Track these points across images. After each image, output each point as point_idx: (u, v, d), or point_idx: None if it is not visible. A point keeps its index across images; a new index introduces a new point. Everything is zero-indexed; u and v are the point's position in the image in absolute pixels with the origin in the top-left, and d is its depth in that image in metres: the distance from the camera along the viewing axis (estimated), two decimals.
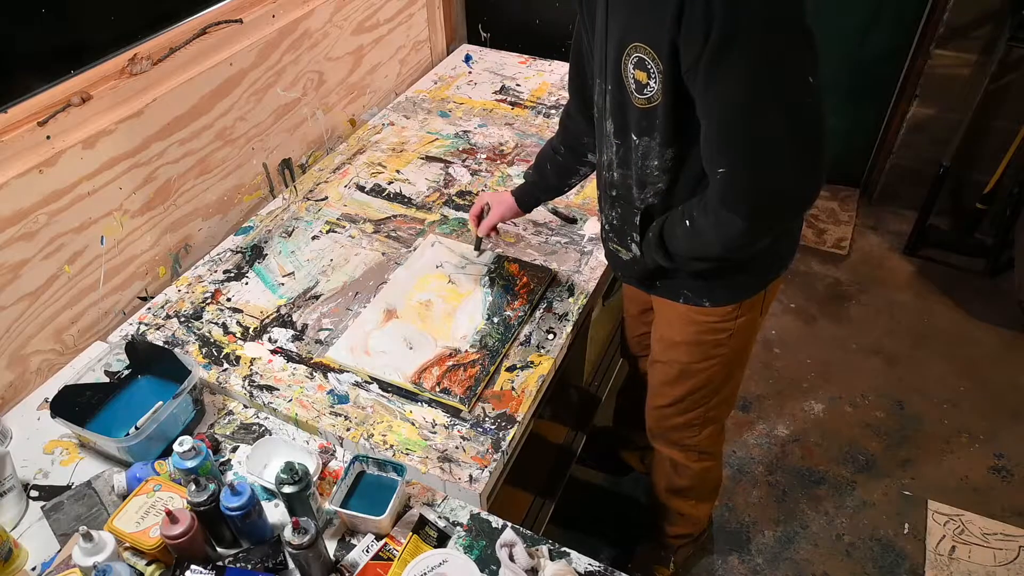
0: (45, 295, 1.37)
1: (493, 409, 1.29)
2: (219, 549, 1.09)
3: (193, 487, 1.02)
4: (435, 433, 1.25)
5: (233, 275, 1.60)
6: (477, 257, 1.57)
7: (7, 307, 1.31)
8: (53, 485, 1.21)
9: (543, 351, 1.39)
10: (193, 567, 0.99)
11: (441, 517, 1.14)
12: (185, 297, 1.55)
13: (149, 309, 1.53)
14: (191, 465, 1.07)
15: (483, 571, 1.05)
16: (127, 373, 1.34)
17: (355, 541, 1.11)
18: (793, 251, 1.32)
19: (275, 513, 1.14)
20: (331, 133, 2.04)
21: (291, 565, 1.05)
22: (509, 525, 1.12)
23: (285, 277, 1.58)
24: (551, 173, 1.46)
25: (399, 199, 1.80)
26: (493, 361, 1.35)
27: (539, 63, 2.39)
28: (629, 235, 1.23)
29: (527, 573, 1.02)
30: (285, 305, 1.51)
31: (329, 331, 1.44)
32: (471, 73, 2.36)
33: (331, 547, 1.09)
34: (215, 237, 1.73)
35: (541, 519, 1.77)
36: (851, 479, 2.10)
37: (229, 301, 1.53)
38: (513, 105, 2.17)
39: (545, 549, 1.07)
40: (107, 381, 1.32)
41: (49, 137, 1.32)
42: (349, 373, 1.36)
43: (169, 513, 0.98)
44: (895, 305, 2.66)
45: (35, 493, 1.20)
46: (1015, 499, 2.03)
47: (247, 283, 1.58)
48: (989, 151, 2.64)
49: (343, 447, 1.26)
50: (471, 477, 1.18)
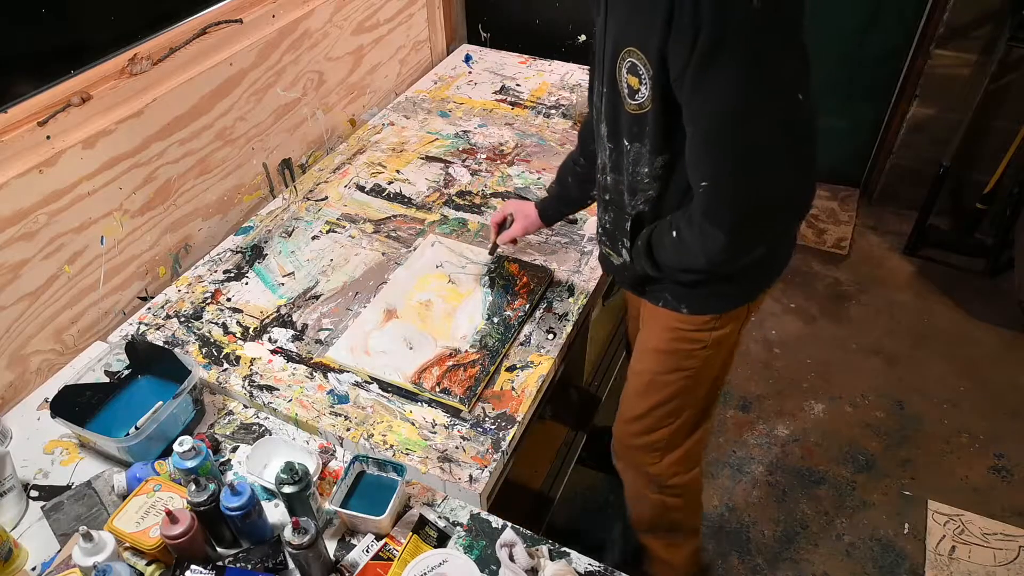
0: (45, 295, 1.37)
1: (493, 409, 1.29)
2: (219, 549, 1.09)
3: (193, 487, 1.02)
4: (435, 433, 1.25)
5: (233, 275, 1.60)
6: (490, 259, 1.57)
7: (7, 307, 1.31)
8: (53, 485, 1.21)
9: (543, 351, 1.39)
10: (193, 567, 0.99)
11: (441, 517, 1.14)
12: (185, 297, 1.55)
13: (149, 309, 1.53)
14: (191, 465, 1.07)
15: (483, 571, 1.05)
16: (127, 373, 1.34)
17: (355, 541, 1.11)
18: (780, 267, 1.29)
19: (275, 513, 1.14)
20: (331, 133, 2.04)
21: (291, 565, 1.05)
22: (509, 525, 1.12)
23: (285, 277, 1.58)
24: (572, 185, 1.44)
25: (399, 199, 1.80)
26: (493, 361, 1.35)
27: (539, 63, 2.39)
28: (620, 240, 1.22)
29: (527, 573, 1.02)
30: (285, 305, 1.51)
31: (329, 331, 1.44)
32: (471, 73, 2.36)
33: (331, 547, 1.09)
34: (215, 237, 1.73)
35: (541, 519, 1.77)
36: (851, 479, 2.10)
37: (229, 301, 1.53)
38: (513, 105, 2.17)
39: (545, 549, 1.07)
40: (107, 381, 1.32)
41: (49, 137, 1.32)
42: (349, 373, 1.36)
43: (169, 513, 0.98)
44: (895, 305, 2.66)
45: (35, 493, 1.20)
46: (1015, 499, 2.03)
47: (247, 283, 1.58)
48: (989, 151, 2.65)
49: (343, 447, 1.26)
50: (471, 477, 1.18)
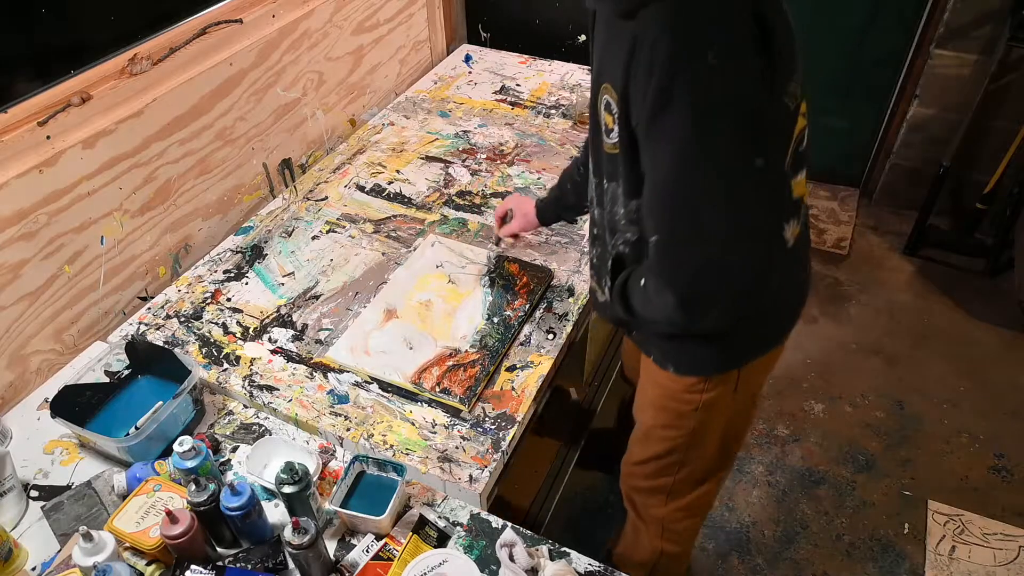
0: (45, 295, 1.37)
1: (493, 409, 1.29)
2: (219, 549, 1.09)
3: (193, 487, 1.02)
4: (435, 433, 1.25)
5: (233, 275, 1.60)
6: (491, 258, 1.57)
7: (7, 307, 1.31)
8: (53, 485, 1.21)
9: (543, 351, 1.39)
10: (193, 567, 0.99)
11: (441, 517, 1.14)
12: (185, 297, 1.55)
13: (149, 309, 1.53)
14: (191, 465, 1.07)
15: (483, 571, 1.05)
16: (127, 373, 1.34)
17: (355, 541, 1.11)
18: (779, 334, 1.21)
19: (275, 513, 1.14)
20: (331, 133, 2.04)
21: (291, 565, 1.05)
22: (509, 525, 1.12)
23: (285, 277, 1.58)
24: (571, 191, 1.44)
25: (399, 199, 1.80)
26: (493, 361, 1.35)
27: (539, 63, 2.39)
28: (603, 277, 1.15)
29: (527, 573, 1.02)
30: (285, 305, 1.51)
31: (329, 331, 1.44)
32: (471, 73, 2.36)
33: (331, 547, 1.09)
34: (215, 237, 1.73)
35: (541, 519, 1.77)
36: (851, 479, 2.10)
37: (229, 301, 1.53)
38: (513, 105, 2.17)
39: (545, 549, 1.07)
40: (107, 381, 1.32)
41: (49, 137, 1.32)
42: (349, 373, 1.36)
43: (169, 513, 0.98)
44: (895, 305, 2.66)
45: (35, 493, 1.20)
46: (1015, 499, 2.03)
47: (247, 283, 1.58)
48: (989, 151, 2.64)
49: (343, 447, 1.26)
50: (471, 477, 1.18)
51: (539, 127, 2.07)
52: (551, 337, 1.42)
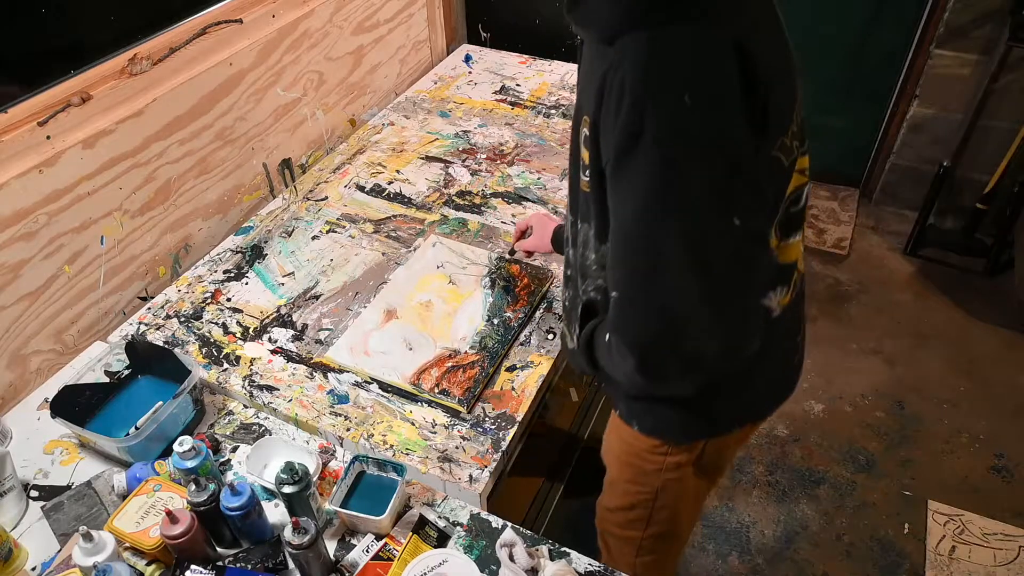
0: (45, 295, 1.37)
1: (493, 409, 1.29)
2: (219, 549, 1.09)
3: (193, 487, 1.02)
4: (435, 433, 1.25)
5: (233, 275, 1.60)
6: (492, 260, 1.56)
7: (7, 307, 1.31)
8: (53, 485, 1.21)
9: (543, 351, 1.39)
10: (193, 567, 0.99)
11: (441, 517, 1.14)
12: (185, 297, 1.55)
13: (149, 309, 1.53)
14: (191, 465, 1.07)
15: (483, 571, 1.05)
16: (127, 373, 1.34)
17: (355, 541, 1.11)
18: (757, 411, 1.13)
19: (275, 513, 1.14)
20: (331, 133, 2.04)
21: (291, 565, 1.05)
22: (509, 525, 1.12)
23: (285, 277, 1.58)
24: None
25: (399, 199, 1.80)
26: (492, 363, 1.35)
27: (539, 63, 2.39)
28: (573, 323, 1.05)
29: (527, 573, 1.02)
30: (285, 305, 1.51)
31: (329, 331, 1.44)
32: (471, 73, 2.36)
33: (331, 547, 1.09)
34: (215, 237, 1.73)
35: (541, 519, 1.77)
36: (851, 479, 2.10)
37: (229, 301, 1.53)
38: (513, 105, 2.17)
39: (545, 549, 1.07)
40: (107, 381, 1.32)
41: (49, 137, 1.32)
42: (349, 373, 1.36)
43: (169, 513, 0.98)
44: (895, 305, 2.66)
45: (35, 493, 1.20)
46: (1015, 499, 2.03)
47: (247, 283, 1.58)
48: (989, 151, 2.64)
49: (343, 447, 1.26)
50: (471, 477, 1.18)
51: (539, 127, 2.07)
52: (551, 337, 1.42)
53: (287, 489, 1.03)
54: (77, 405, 1.25)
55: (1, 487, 1.13)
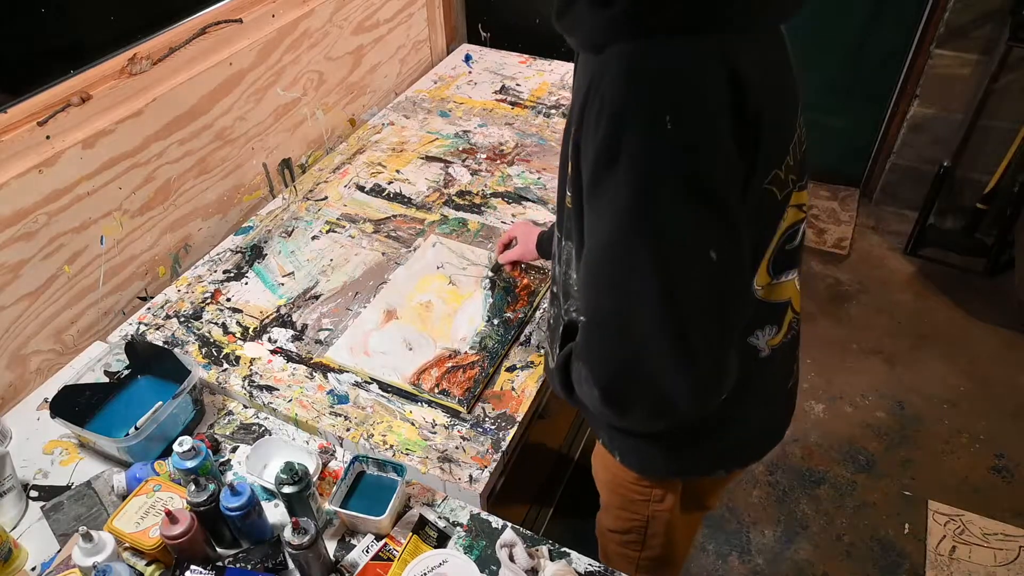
0: (45, 295, 1.37)
1: (493, 409, 1.28)
2: (219, 549, 1.09)
3: (193, 487, 1.02)
4: (435, 433, 1.25)
5: (233, 275, 1.60)
6: (491, 262, 1.56)
7: (7, 307, 1.31)
8: (53, 485, 1.21)
9: (543, 351, 1.39)
10: (193, 567, 0.99)
11: (441, 517, 1.14)
12: (185, 297, 1.55)
13: (149, 309, 1.53)
14: (191, 465, 1.07)
15: (483, 571, 1.05)
16: (127, 373, 1.34)
17: (355, 541, 1.11)
18: (742, 456, 1.07)
19: (275, 513, 1.14)
20: (331, 133, 2.04)
21: (291, 565, 1.05)
22: (509, 525, 1.12)
23: (285, 277, 1.58)
24: None
25: (399, 199, 1.80)
26: (492, 363, 1.35)
27: (539, 63, 2.39)
28: (555, 343, 1.00)
29: (527, 573, 1.02)
30: (285, 305, 1.51)
31: (329, 331, 1.44)
32: (471, 73, 2.36)
33: (331, 547, 1.09)
34: (215, 237, 1.73)
35: (541, 519, 1.77)
36: (851, 479, 2.10)
37: (229, 301, 1.53)
38: (513, 105, 2.17)
39: (545, 549, 1.07)
40: (107, 381, 1.31)
41: (49, 137, 1.32)
42: (349, 373, 1.36)
43: (169, 513, 0.98)
44: (895, 305, 2.66)
45: (35, 493, 1.20)
46: (1016, 499, 2.03)
47: (247, 283, 1.58)
48: (989, 151, 2.64)
49: (343, 447, 1.26)
50: (471, 477, 1.18)
51: (539, 127, 2.07)
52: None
53: (287, 489, 1.03)
54: (77, 405, 1.25)
55: (1, 487, 1.13)
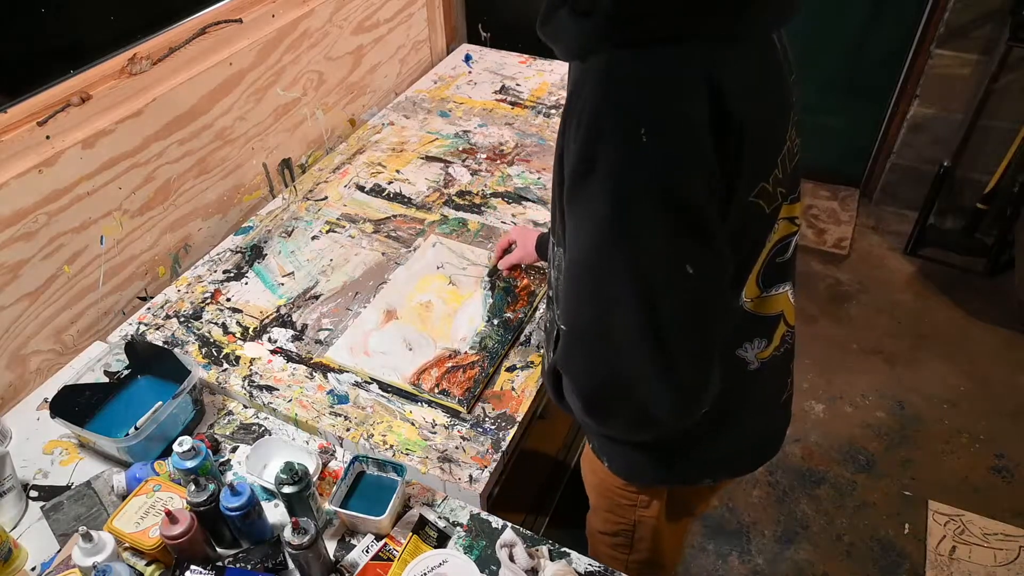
0: (45, 295, 1.37)
1: (493, 409, 1.28)
2: (219, 549, 1.09)
3: (193, 487, 1.02)
4: (435, 433, 1.25)
5: (233, 275, 1.60)
6: (491, 278, 1.56)
7: (7, 307, 1.31)
8: (53, 485, 1.21)
9: (543, 351, 1.39)
10: (193, 567, 0.99)
11: (441, 517, 1.14)
12: (185, 297, 1.55)
13: (149, 309, 1.53)
14: (191, 465, 1.07)
15: (483, 571, 1.05)
16: (127, 373, 1.34)
17: (355, 541, 1.11)
18: (731, 466, 1.07)
19: (275, 513, 1.14)
20: (331, 133, 2.04)
21: (291, 565, 1.05)
22: (509, 525, 1.12)
23: (285, 277, 1.58)
24: None
25: (399, 199, 1.80)
26: (492, 363, 1.35)
27: (539, 63, 2.39)
28: (550, 347, 0.99)
29: (527, 573, 1.02)
30: (285, 305, 1.51)
31: (329, 331, 1.44)
32: (471, 73, 2.36)
33: (331, 547, 1.09)
34: (215, 237, 1.73)
35: (541, 519, 1.77)
36: (851, 479, 2.10)
37: (229, 301, 1.53)
38: (513, 105, 2.17)
39: (545, 549, 1.07)
40: (107, 381, 1.31)
41: (49, 137, 1.32)
42: (349, 373, 1.36)
43: (169, 513, 0.98)
44: (895, 305, 2.66)
45: (35, 493, 1.19)
46: (1016, 499, 2.03)
47: (247, 283, 1.58)
48: (989, 151, 2.64)
49: (343, 447, 1.26)
50: (471, 477, 1.18)
51: (539, 127, 2.06)
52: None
53: (287, 489, 1.02)
54: (77, 405, 1.25)
55: (1, 487, 1.13)
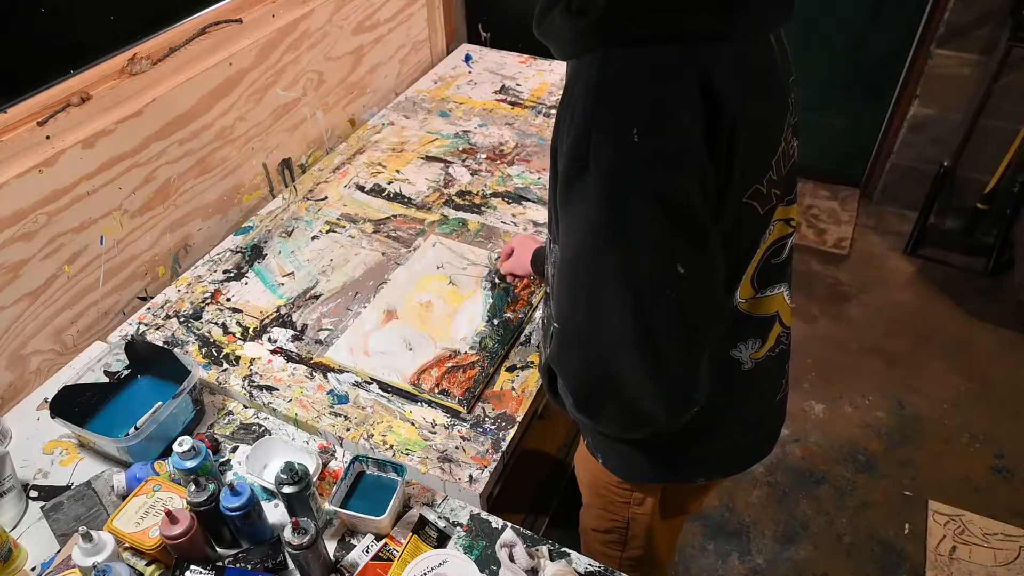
0: (45, 295, 1.37)
1: (493, 409, 1.28)
2: (219, 549, 1.09)
3: (193, 487, 1.02)
4: (435, 433, 1.25)
5: (233, 275, 1.60)
6: (491, 262, 1.56)
7: (7, 307, 1.31)
8: (53, 485, 1.21)
9: (540, 347, 1.39)
10: (193, 567, 0.99)
11: (441, 517, 1.14)
12: (185, 297, 1.55)
13: (149, 309, 1.53)
14: (191, 465, 1.07)
15: (483, 571, 1.05)
16: (127, 373, 1.34)
17: (355, 541, 1.11)
18: (722, 466, 1.08)
19: (275, 513, 1.14)
20: (331, 133, 2.04)
21: (291, 565, 1.05)
22: (509, 525, 1.12)
23: (285, 277, 1.58)
24: None
25: (399, 199, 1.80)
26: (492, 363, 1.35)
27: (539, 63, 2.39)
28: (547, 344, 0.99)
29: (527, 573, 1.02)
30: (285, 305, 1.51)
31: (329, 331, 1.44)
32: (471, 73, 2.36)
33: (331, 547, 1.09)
34: (215, 237, 1.73)
35: (541, 519, 1.77)
36: (851, 479, 2.10)
37: (229, 301, 1.53)
38: (513, 105, 2.17)
39: (545, 549, 1.07)
40: (107, 381, 1.31)
41: (49, 137, 1.32)
42: (349, 373, 1.36)
43: (169, 513, 0.98)
44: (895, 305, 2.66)
45: (35, 493, 1.19)
46: (1016, 499, 2.03)
47: (247, 283, 1.58)
48: (989, 151, 2.65)
49: (343, 447, 1.26)
50: (471, 477, 1.18)
51: (539, 127, 2.06)
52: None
53: (287, 489, 1.02)
54: (77, 405, 1.25)
55: (1, 487, 1.13)
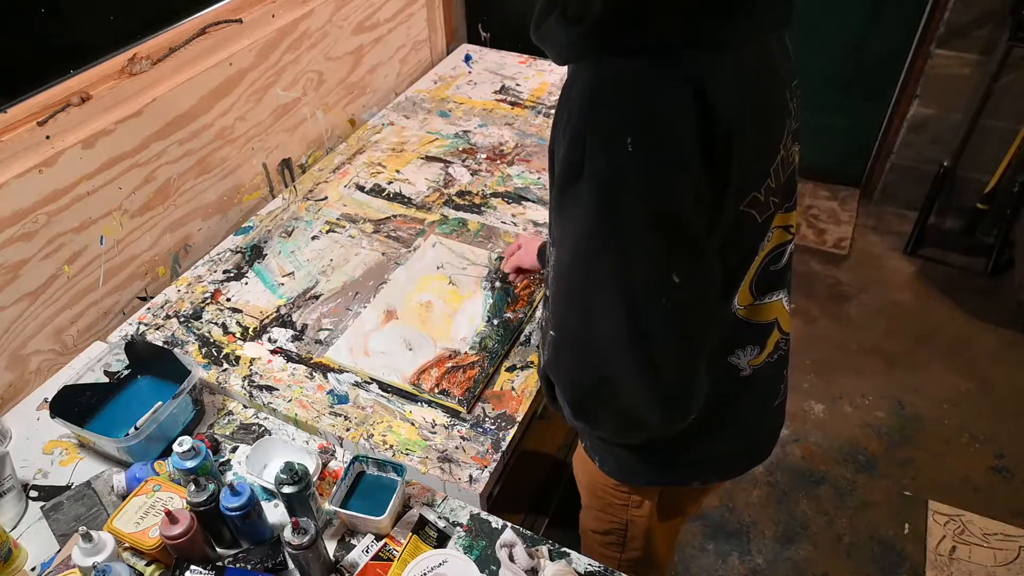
0: (45, 295, 1.37)
1: (493, 409, 1.28)
2: (219, 549, 1.09)
3: (193, 487, 1.02)
4: (435, 433, 1.25)
5: (233, 275, 1.60)
6: (491, 262, 1.56)
7: (7, 307, 1.31)
8: (53, 485, 1.21)
9: (539, 351, 1.39)
10: (193, 567, 0.99)
11: (441, 517, 1.14)
12: (185, 297, 1.55)
13: (149, 309, 1.53)
14: (191, 465, 1.07)
15: (483, 571, 1.05)
16: (127, 373, 1.34)
17: (355, 541, 1.11)
18: (720, 469, 1.08)
19: (275, 513, 1.14)
20: (331, 133, 2.04)
21: (291, 565, 1.05)
22: (509, 525, 1.12)
23: (285, 277, 1.58)
24: None
25: (399, 199, 1.80)
26: (492, 363, 1.35)
27: (539, 63, 2.39)
28: (545, 346, 0.96)
29: (527, 573, 1.02)
30: (285, 305, 1.51)
31: (329, 331, 1.44)
32: (471, 73, 2.36)
33: (331, 547, 1.09)
34: (215, 237, 1.73)
35: (541, 519, 1.77)
36: (851, 479, 2.10)
37: (229, 301, 1.53)
38: (513, 105, 2.17)
39: (545, 549, 1.07)
40: (107, 381, 1.31)
41: (49, 137, 1.32)
42: (349, 373, 1.36)
43: (169, 513, 0.98)
44: (895, 305, 2.66)
45: (35, 493, 1.19)
46: (1016, 499, 2.03)
47: (247, 283, 1.58)
48: (989, 151, 2.65)
49: (343, 447, 1.26)
50: (471, 477, 1.18)
51: (539, 127, 2.06)
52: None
53: (287, 489, 1.02)
54: (77, 405, 1.25)
55: (1, 487, 1.12)
